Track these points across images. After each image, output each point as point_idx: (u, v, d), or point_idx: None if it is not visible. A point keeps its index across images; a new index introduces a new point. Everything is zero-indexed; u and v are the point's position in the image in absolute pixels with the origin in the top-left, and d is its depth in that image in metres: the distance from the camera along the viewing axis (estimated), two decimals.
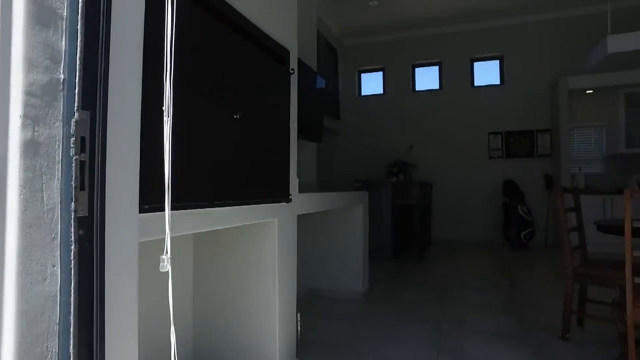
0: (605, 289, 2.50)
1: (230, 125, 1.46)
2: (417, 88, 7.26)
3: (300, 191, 2.37)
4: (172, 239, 2.06)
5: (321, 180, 6.39)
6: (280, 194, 1.85)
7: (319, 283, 3.55)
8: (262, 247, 1.87)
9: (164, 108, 0.87)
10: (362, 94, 7.63)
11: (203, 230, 1.42)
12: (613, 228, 2.21)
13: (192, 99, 1.23)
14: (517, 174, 6.51)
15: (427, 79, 7.22)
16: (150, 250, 1.30)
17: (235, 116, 1.47)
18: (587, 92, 6.07)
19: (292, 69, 2.00)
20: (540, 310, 3.03)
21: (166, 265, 0.82)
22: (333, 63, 6.89)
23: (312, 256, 3.58)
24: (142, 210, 0.92)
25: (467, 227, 6.74)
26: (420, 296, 3.45)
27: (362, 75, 7.66)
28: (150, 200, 0.96)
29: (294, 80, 2.04)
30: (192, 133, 1.24)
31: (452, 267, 4.68)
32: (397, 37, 7.25)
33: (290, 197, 1.93)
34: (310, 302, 3.31)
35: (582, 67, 6.12)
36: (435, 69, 7.15)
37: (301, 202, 2.13)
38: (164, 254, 0.83)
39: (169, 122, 0.87)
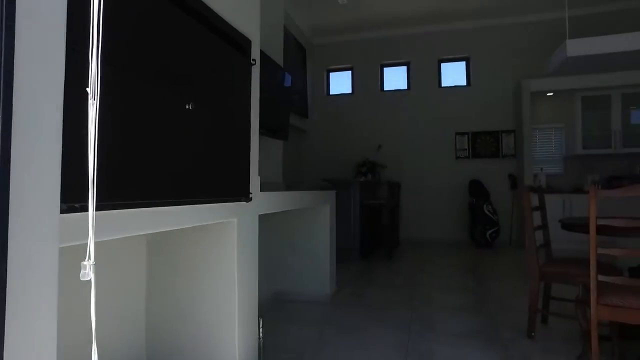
0: (568, 286, 2.51)
1: (182, 117, 1.33)
2: (386, 88, 7.27)
3: (265, 190, 2.26)
4: (121, 240, 1.90)
5: (289, 180, 6.28)
6: (239, 193, 1.73)
7: (285, 286, 3.43)
8: (220, 249, 1.74)
9: (88, 89, 0.74)
10: (331, 93, 7.57)
11: (147, 232, 1.28)
12: (577, 226, 2.22)
13: (131, 82, 1.09)
14: (483, 174, 6.62)
15: (395, 79, 7.25)
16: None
17: (187, 106, 1.34)
18: (548, 94, 6.25)
19: (254, 60, 1.88)
20: (507, 309, 3.04)
21: (88, 273, 0.69)
22: (302, 62, 6.79)
23: (278, 258, 3.46)
24: (63, 210, 0.78)
25: (435, 226, 6.80)
26: (388, 297, 3.39)
27: (331, 74, 7.60)
28: (74, 199, 0.82)
29: (255, 72, 1.92)
30: (130, 122, 1.10)
31: (420, 267, 4.68)
32: (366, 37, 7.23)
33: (250, 195, 1.81)
34: (275, 306, 3.19)
35: (544, 71, 6.30)
36: (404, 69, 7.19)
37: (263, 201, 2.02)
38: (86, 259, 0.70)
39: (94, 105, 0.74)
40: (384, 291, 3.59)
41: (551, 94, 6.23)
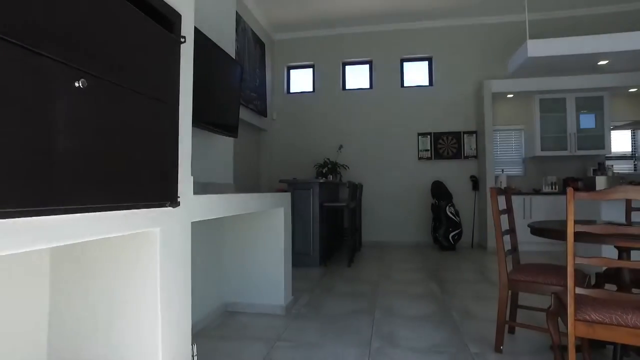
0: (535, 294, 2.35)
1: (71, 96, 1.01)
2: (348, 87, 7.07)
3: (210, 192, 1.94)
4: (17, 255, 1.53)
5: (248, 182, 5.93)
6: (162, 196, 1.41)
7: (235, 297, 3.11)
8: (138, 264, 1.41)
9: None
10: (291, 91, 7.29)
11: (25, 250, 0.94)
12: (549, 231, 2.05)
13: None
14: (445, 175, 6.55)
15: (357, 77, 7.06)
16: None
17: (77, 83, 1.01)
18: (509, 96, 6.25)
19: (184, 37, 1.56)
20: (473, 318, 2.86)
21: None
22: (260, 57, 6.46)
23: (227, 267, 3.13)
24: None
25: (397, 228, 6.65)
26: (348, 308, 3.14)
27: (292, 71, 7.31)
28: None
29: (187, 52, 1.61)
30: None
31: (383, 272, 4.48)
32: (327, 33, 7.00)
33: (178, 199, 1.49)
34: (223, 320, 2.86)
35: (505, 72, 6.31)
36: (366, 67, 7.01)
37: (198, 206, 1.70)
38: None
39: None
40: (344, 301, 3.34)
41: (511, 95, 6.24)
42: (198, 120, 2.73)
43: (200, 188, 2.98)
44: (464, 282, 3.94)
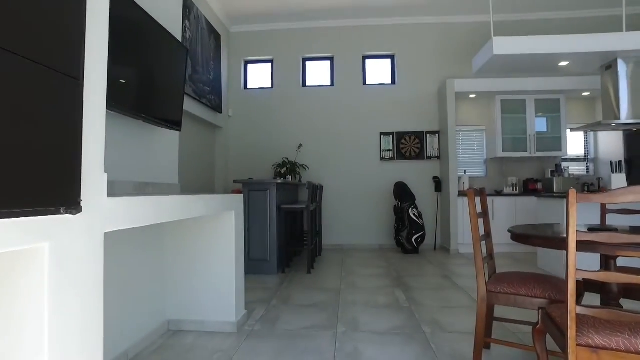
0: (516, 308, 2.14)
1: None
2: (308, 83, 6.76)
3: (149, 194, 1.56)
4: None
5: (200, 182, 5.46)
6: (53, 199, 1.02)
7: (179, 314, 2.71)
8: (13, 300, 1.02)
9: None
10: (249, 86, 6.88)
11: None
12: (535, 239, 1.82)
13: None
14: (408, 176, 6.39)
15: (318, 74, 6.76)
16: None
17: None
18: (471, 96, 6.19)
19: None
20: (445, 331, 2.62)
21: None
22: (215, 49, 6.02)
23: (169, 280, 2.72)
24: None
25: (359, 231, 6.41)
26: (308, 321, 2.82)
27: (249, 66, 6.91)
28: None
29: (98, 7, 1.22)
30: None
31: (345, 278, 4.19)
32: (287, 27, 6.66)
33: (80, 203, 1.11)
34: (165, 342, 2.45)
35: (468, 72, 6.24)
36: (327, 63, 6.74)
37: (114, 212, 1.31)
38: None
39: None
40: (304, 313, 3.01)
41: (474, 95, 6.17)
42: (134, 110, 2.31)
43: (136, 188, 2.55)
44: (430, 289, 3.73)
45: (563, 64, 4.65)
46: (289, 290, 3.72)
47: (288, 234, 4.78)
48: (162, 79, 2.63)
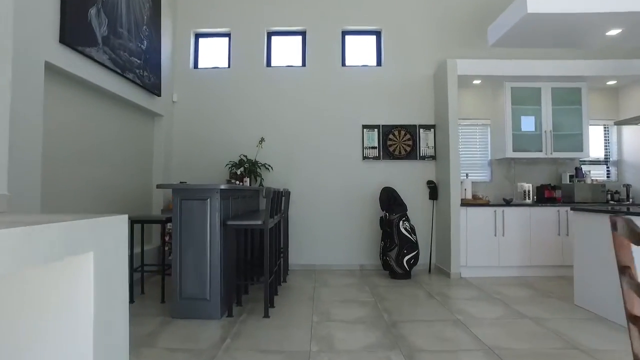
0: None
1: None
2: (274, 63, 5.44)
3: None
4: None
5: (132, 186, 3.90)
6: None
7: None
8: None
9: None
10: (200, 65, 5.49)
11: None
12: None
13: None
14: (396, 180, 5.15)
15: (287, 52, 5.45)
16: None
17: None
18: (475, 82, 5.02)
19: None
20: None
21: None
22: (153, 12, 4.62)
23: None
24: None
25: (336, 248, 5.13)
26: None
27: (201, 40, 5.52)
28: None
29: None
30: None
31: (318, 329, 2.89)
32: None
33: None
34: None
35: (472, 52, 5.09)
36: (298, 39, 5.43)
37: None
38: None
39: None
40: None
41: (478, 81, 5.01)
42: None
43: None
44: (444, 351, 2.47)
45: (613, 32, 3.52)
46: (233, 351, 2.38)
47: (240, 259, 3.44)
48: None
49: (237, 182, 4.66)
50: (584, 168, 5.09)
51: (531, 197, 4.91)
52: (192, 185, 3.10)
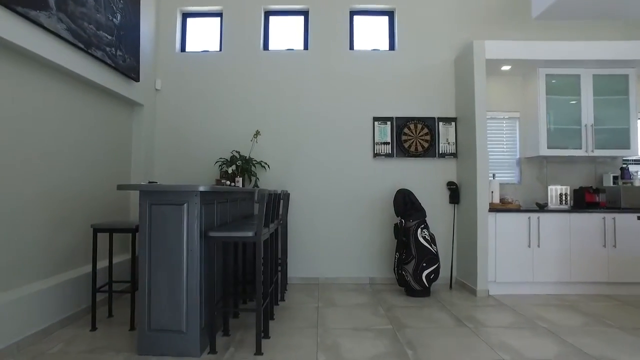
0: None
1: None
2: (272, 46, 4.77)
3: None
4: None
5: (106, 187, 3.17)
6: None
7: None
8: None
9: None
10: (187, 49, 4.82)
11: None
12: None
13: None
14: (412, 181, 4.48)
15: (286, 33, 4.78)
16: None
17: None
18: (503, 68, 4.35)
19: None
20: None
21: None
22: None
23: None
24: None
25: (342, 259, 4.46)
26: None
27: (189, 20, 4.85)
28: None
29: None
30: None
31: None
32: None
33: None
34: None
35: (501, 33, 4.44)
36: (300, 19, 4.77)
37: None
38: None
39: None
40: None
41: (507, 67, 4.34)
42: None
43: None
44: None
45: None
46: None
47: (227, 279, 2.76)
48: None
49: (229, 183, 3.99)
50: (631, 168, 4.42)
51: (568, 202, 4.24)
52: (164, 187, 2.42)
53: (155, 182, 2.91)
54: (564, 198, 4.25)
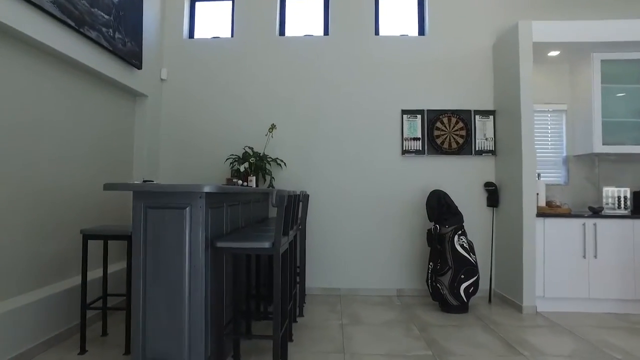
0: None
1: None
2: (289, 32, 4.33)
3: None
4: None
5: (98, 186, 2.75)
6: None
7: None
8: None
9: None
10: (196, 35, 4.40)
11: None
12: None
13: None
14: (446, 182, 4.00)
15: (304, 17, 4.34)
16: None
17: None
18: (551, 54, 3.84)
19: None
20: None
21: None
22: None
23: None
24: None
25: (365, 269, 3.99)
26: None
27: (197, 4, 4.44)
28: None
29: None
30: None
31: None
32: None
33: None
34: None
35: (548, 14, 3.93)
36: (319, 2, 4.31)
37: None
38: None
39: None
40: None
41: (556, 52, 3.83)
42: None
43: None
44: None
45: None
46: None
47: (239, 297, 2.32)
48: None
49: (241, 182, 3.55)
50: None
51: (628, 206, 3.71)
52: (162, 187, 1.99)
53: (152, 181, 2.48)
54: (622, 201, 3.72)
